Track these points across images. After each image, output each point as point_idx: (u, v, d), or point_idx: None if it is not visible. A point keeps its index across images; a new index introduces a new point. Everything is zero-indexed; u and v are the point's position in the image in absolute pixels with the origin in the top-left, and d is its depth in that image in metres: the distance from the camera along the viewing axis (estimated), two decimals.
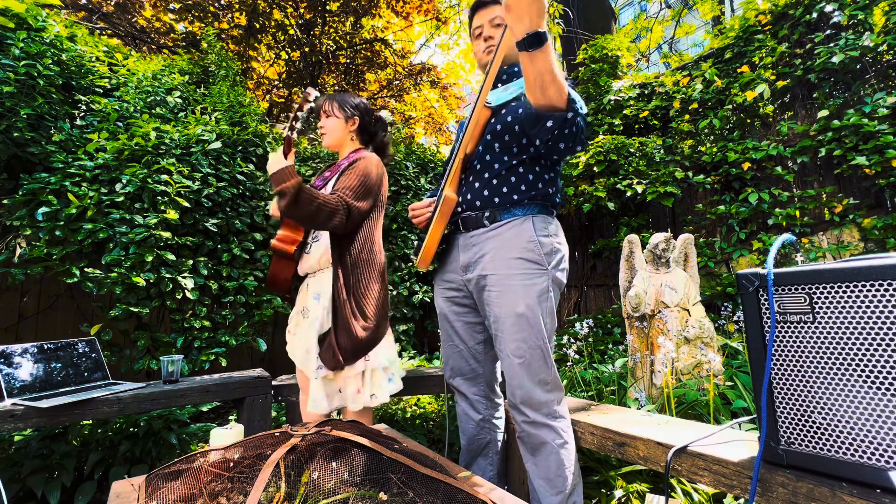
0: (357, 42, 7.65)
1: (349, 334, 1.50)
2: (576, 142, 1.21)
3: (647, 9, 13.43)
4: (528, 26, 1.02)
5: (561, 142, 1.19)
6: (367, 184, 1.57)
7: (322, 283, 1.63)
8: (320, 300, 1.61)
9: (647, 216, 4.52)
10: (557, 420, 1.30)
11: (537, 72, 1.07)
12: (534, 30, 1.02)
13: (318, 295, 1.63)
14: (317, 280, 1.66)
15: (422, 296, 3.88)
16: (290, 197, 1.34)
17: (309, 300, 1.65)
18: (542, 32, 1.02)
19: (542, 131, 1.17)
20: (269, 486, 0.83)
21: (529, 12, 1.01)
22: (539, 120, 1.16)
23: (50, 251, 2.33)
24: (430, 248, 1.39)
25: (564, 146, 1.20)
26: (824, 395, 0.83)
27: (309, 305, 1.64)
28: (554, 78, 1.08)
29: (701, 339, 2.26)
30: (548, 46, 1.04)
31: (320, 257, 1.63)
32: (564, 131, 1.16)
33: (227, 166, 3.00)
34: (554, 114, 1.14)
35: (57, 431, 2.05)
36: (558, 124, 1.14)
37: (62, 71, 2.68)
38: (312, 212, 1.39)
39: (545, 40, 1.03)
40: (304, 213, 1.39)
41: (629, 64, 5.50)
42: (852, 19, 3.51)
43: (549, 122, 1.15)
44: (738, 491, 0.97)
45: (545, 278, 1.29)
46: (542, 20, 1.02)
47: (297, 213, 1.39)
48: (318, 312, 1.60)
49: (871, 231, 3.15)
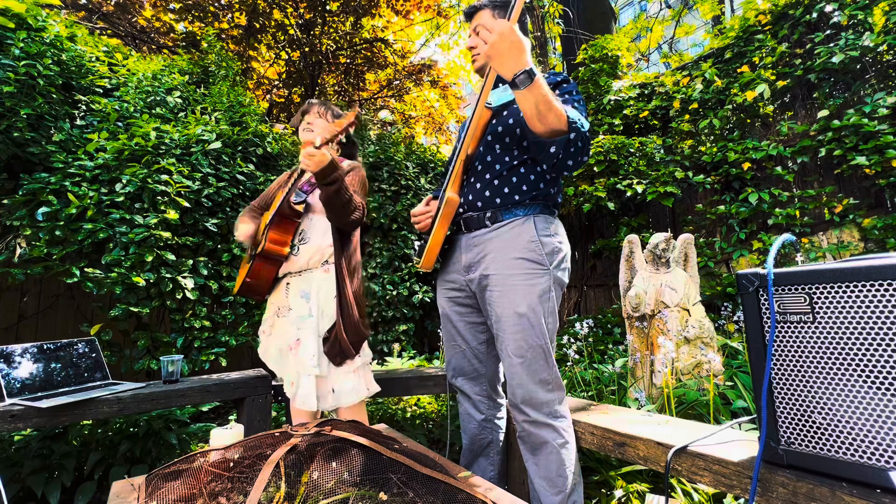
0: (357, 42, 7.65)
1: (355, 330, 1.57)
2: (582, 155, 1.23)
3: (647, 9, 13.43)
4: (513, 68, 1.06)
5: (568, 160, 1.22)
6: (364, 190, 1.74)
7: (310, 282, 1.65)
8: (310, 299, 1.62)
9: (647, 216, 4.52)
10: (558, 419, 1.30)
11: (533, 104, 1.11)
12: (520, 70, 1.06)
13: (304, 293, 1.64)
14: (302, 279, 1.67)
15: (422, 296, 3.88)
16: (339, 185, 1.50)
17: (293, 299, 1.66)
18: (528, 70, 1.06)
19: (548, 157, 1.21)
20: (269, 486, 0.83)
21: (510, 56, 1.05)
22: (544, 147, 1.20)
23: (50, 251, 2.33)
24: (433, 249, 1.39)
25: (572, 163, 1.23)
26: (824, 395, 0.83)
27: (292, 304, 1.65)
28: (550, 106, 1.11)
29: (701, 339, 2.26)
30: (538, 80, 1.07)
31: (310, 258, 1.67)
32: (570, 150, 1.19)
33: (227, 166, 3.00)
34: (556, 139, 1.17)
35: (57, 431, 2.05)
36: (562, 147, 1.18)
37: (62, 71, 2.68)
38: (345, 201, 1.54)
39: (534, 76, 1.06)
40: (341, 202, 1.53)
41: (629, 64, 5.51)
42: (852, 19, 3.51)
43: (552, 147, 1.18)
44: (738, 491, 0.97)
45: (547, 278, 1.30)
46: (524, 58, 1.06)
47: (338, 201, 1.53)
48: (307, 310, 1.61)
49: (871, 231, 3.15)
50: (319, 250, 1.66)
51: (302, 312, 1.62)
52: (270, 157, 3.49)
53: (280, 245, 1.66)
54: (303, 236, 1.70)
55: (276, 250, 1.65)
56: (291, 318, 1.64)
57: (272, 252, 1.65)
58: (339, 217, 1.58)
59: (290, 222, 1.67)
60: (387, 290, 3.79)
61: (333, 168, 1.49)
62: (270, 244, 1.64)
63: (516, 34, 1.05)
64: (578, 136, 1.17)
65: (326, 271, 1.66)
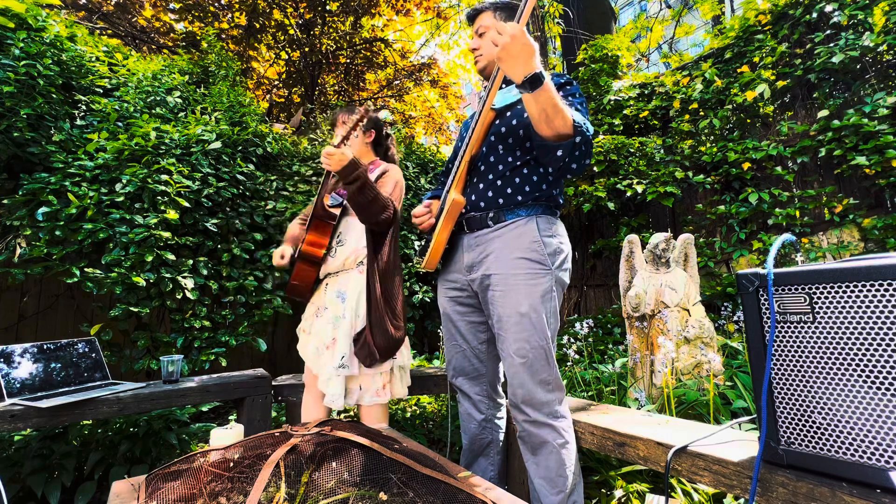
0: (357, 42, 7.65)
1: (384, 333, 1.58)
2: (586, 158, 1.24)
3: (647, 9, 13.43)
4: (523, 71, 1.07)
5: (573, 163, 1.22)
6: (399, 191, 1.74)
7: (347, 282, 1.69)
8: (346, 300, 1.66)
9: (647, 216, 4.52)
10: (559, 420, 1.30)
11: (541, 108, 1.11)
12: (530, 73, 1.06)
13: (340, 294, 1.67)
14: (339, 280, 1.71)
15: (422, 296, 3.88)
16: (361, 183, 1.50)
17: (329, 299, 1.70)
18: (538, 73, 1.06)
19: (554, 160, 1.22)
20: (269, 486, 0.83)
21: (521, 59, 1.05)
22: (550, 151, 1.20)
23: (50, 251, 2.33)
24: (437, 249, 1.40)
25: (576, 166, 1.24)
26: (824, 395, 0.83)
27: (328, 304, 1.69)
28: (557, 110, 1.12)
29: (701, 339, 2.26)
30: (547, 84, 1.08)
31: (346, 259, 1.70)
32: (575, 154, 1.20)
33: (227, 166, 3.00)
34: (563, 143, 1.18)
35: (57, 431, 2.05)
36: (568, 151, 1.18)
37: (62, 71, 2.68)
38: (370, 200, 1.54)
39: (543, 79, 1.07)
40: (366, 201, 1.53)
41: (629, 64, 5.51)
42: (852, 19, 3.51)
43: (559, 151, 1.19)
44: (738, 491, 0.97)
45: (549, 278, 1.30)
46: (534, 62, 1.06)
47: (362, 199, 1.53)
48: (341, 310, 1.65)
49: (871, 231, 3.15)
50: (355, 251, 1.70)
51: (337, 312, 1.66)
52: (270, 157, 3.49)
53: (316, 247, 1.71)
54: (340, 238, 1.75)
55: (312, 252, 1.71)
56: (327, 317, 1.67)
57: (308, 253, 1.71)
58: (366, 216, 1.59)
59: (326, 224, 1.72)
60: None
61: (354, 167, 1.50)
62: (306, 246, 1.71)
63: (527, 37, 1.05)
64: (584, 139, 1.18)
65: (361, 272, 1.69)
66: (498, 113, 1.40)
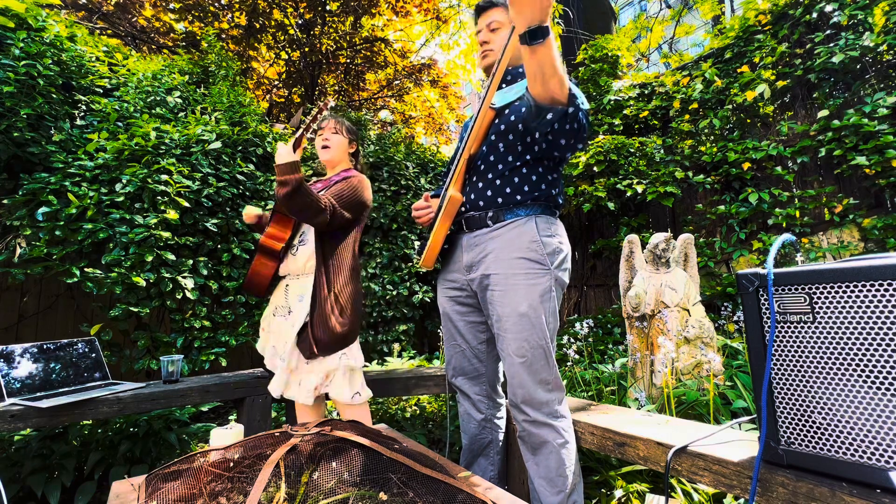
0: (357, 42, 7.65)
1: (326, 328, 1.57)
2: (577, 139, 1.21)
3: (647, 9, 13.43)
4: (529, 21, 1.02)
5: (562, 137, 1.20)
6: (355, 197, 1.70)
7: (306, 286, 1.67)
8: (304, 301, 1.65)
9: (647, 216, 4.52)
10: (558, 419, 1.30)
11: (538, 63, 1.07)
12: (536, 24, 1.02)
13: (302, 297, 1.66)
14: (300, 283, 1.70)
15: (422, 296, 3.88)
16: (292, 187, 1.48)
17: (292, 301, 1.69)
18: (544, 27, 1.02)
19: (542, 124, 1.17)
20: (269, 486, 0.83)
21: (532, 8, 1.00)
22: (540, 112, 1.16)
23: (50, 251, 2.33)
24: (434, 247, 1.39)
25: (565, 142, 1.21)
26: (824, 395, 0.83)
27: (292, 306, 1.68)
28: (555, 71, 1.08)
29: (701, 339, 2.26)
30: (550, 41, 1.03)
31: (306, 261, 1.68)
32: (565, 126, 1.16)
33: (227, 166, 3.00)
34: (555, 107, 1.14)
35: (57, 431, 2.05)
36: (558, 117, 1.14)
37: (62, 71, 2.68)
38: (305, 204, 1.52)
39: (547, 34, 1.02)
40: (298, 204, 1.51)
41: (629, 64, 5.50)
42: (852, 19, 3.51)
43: (549, 114, 1.15)
44: (738, 491, 0.97)
45: (548, 278, 1.30)
46: (545, 16, 1.02)
47: (292, 203, 1.51)
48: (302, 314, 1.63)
49: (871, 231, 3.15)
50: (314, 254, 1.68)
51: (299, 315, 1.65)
52: (270, 157, 3.49)
53: (275, 240, 1.70)
54: (303, 237, 1.73)
55: (270, 244, 1.70)
56: (291, 320, 1.65)
57: (266, 245, 1.70)
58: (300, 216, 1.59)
59: (287, 219, 1.71)
60: (387, 290, 3.79)
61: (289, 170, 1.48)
62: (265, 238, 1.70)
63: None
64: (577, 112, 1.15)
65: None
66: (497, 111, 1.39)
